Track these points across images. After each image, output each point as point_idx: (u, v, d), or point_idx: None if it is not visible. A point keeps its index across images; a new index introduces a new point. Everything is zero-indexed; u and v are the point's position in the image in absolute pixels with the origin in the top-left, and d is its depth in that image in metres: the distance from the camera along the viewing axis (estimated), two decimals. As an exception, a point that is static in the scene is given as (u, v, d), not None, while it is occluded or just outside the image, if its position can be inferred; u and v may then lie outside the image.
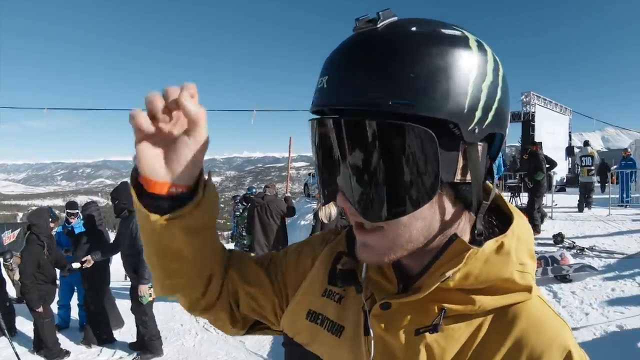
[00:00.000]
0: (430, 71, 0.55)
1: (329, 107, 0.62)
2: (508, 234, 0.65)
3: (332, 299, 0.81)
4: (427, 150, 0.56)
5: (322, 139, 0.63)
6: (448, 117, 0.55)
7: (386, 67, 0.55)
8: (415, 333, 0.66)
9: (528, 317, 0.65)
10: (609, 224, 10.19)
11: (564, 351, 0.61)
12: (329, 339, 0.77)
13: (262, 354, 5.38)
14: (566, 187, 19.56)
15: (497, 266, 0.63)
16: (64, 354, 5.79)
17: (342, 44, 0.61)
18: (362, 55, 0.57)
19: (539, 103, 20.66)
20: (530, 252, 0.70)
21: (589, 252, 7.71)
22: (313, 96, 0.63)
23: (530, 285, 0.67)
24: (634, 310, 5.17)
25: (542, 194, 9.67)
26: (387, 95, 0.54)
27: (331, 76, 0.59)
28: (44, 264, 5.62)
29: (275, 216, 7.28)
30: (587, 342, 4.55)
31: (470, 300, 0.64)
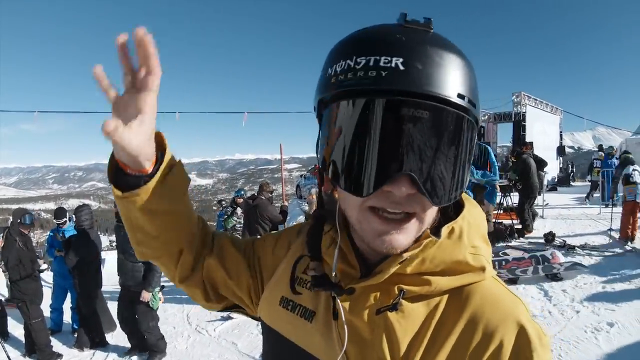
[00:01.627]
0: (475, 80, 0.65)
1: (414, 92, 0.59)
2: (458, 220, 0.71)
3: (304, 286, 0.84)
4: (474, 145, 0.66)
5: (395, 123, 0.59)
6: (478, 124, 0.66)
7: (463, 71, 0.63)
8: (377, 313, 0.71)
9: (482, 295, 0.70)
10: (599, 222, 10.27)
11: (517, 325, 0.66)
12: (301, 324, 0.81)
13: (255, 356, 5.36)
14: (557, 186, 19.65)
15: (450, 249, 0.70)
16: (57, 356, 5.76)
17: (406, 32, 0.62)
18: (442, 53, 0.61)
19: (529, 103, 20.75)
20: (483, 237, 0.76)
21: (579, 250, 7.79)
22: (370, 71, 0.60)
23: (483, 265, 0.72)
24: (624, 307, 5.22)
25: (534, 194, 9.70)
26: (465, 94, 0.62)
27: (410, 61, 0.59)
28: (24, 261, 5.65)
29: (262, 221, 7.26)
30: (578, 339, 4.58)
31: (426, 281, 0.70)
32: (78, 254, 6.02)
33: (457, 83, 0.61)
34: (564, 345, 4.50)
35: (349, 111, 0.62)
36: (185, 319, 7.23)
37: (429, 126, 0.59)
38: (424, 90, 0.58)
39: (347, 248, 0.77)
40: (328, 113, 0.66)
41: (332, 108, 0.65)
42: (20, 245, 5.64)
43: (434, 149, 0.61)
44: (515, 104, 20.62)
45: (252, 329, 6.23)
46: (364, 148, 0.61)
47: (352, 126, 0.62)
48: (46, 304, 6.68)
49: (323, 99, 0.68)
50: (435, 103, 0.59)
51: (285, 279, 0.86)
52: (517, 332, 0.66)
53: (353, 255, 0.76)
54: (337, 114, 0.64)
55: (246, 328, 6.33)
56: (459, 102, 0.61)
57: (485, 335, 0.66)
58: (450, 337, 0.67)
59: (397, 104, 0.59)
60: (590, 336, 4.62)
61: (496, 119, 22.42)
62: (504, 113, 21.88)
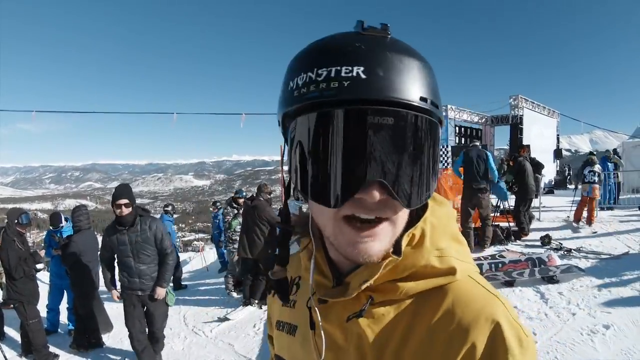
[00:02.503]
0: (436, 83, 0.66)
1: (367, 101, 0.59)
2: (418, 225, 0.72)
3: (289, 305, 0.89)
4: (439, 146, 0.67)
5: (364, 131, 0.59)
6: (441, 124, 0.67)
7: (423, 74, 0.63)
8: (347, 320, 0.73)
9: (454, 295, 0.69)
10: (596, 225, 10.29)
11: (492, 323, 0.64)
12: (287, 340, 0.86)
13: (251, 357, 5.36)
14: (554, 189, 19.71)
15: (411, 257, 0.70)
16: (53, 357, 5.75)
17: (364, 39, 0.62)
18: (402, 58, 0.62)
19: (526, 106, 20.84)
20: (452, 236, 0.75)
21: (576, 253, 7.78)
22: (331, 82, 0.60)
23: (452, 266, 0.71)
24: (621, 310, 5.22)
25: (530, 197, 9.72)
26: (427, 97, 0.62)
27: (371, 68, 0.59)
28: (23, 261, 5.64)
29: (261, 223, 7.24)
30: (574, 341, 4.59)
31: (394, 287, 0.71)
32: (75, 254, 6.02)
33: (419, 86, 0.62)
34: (560, 347, 4.50)
35: (314, 124, 0.61)
36: (182, 320, 7.22)
37: (395, 131, 0.59)
38: (387, 97, 0.59)
39: (322, 259, 0.79)
40: (294, 127, 0.66)
41: (297, 122, 0.65)
42: (19, 246, 5.63)
43: (401, 153, 0.61)
44: (512, 106, 20.71)
45: (248, 331, 6.23)
46: (332, 159, 0.60)
47: (319, 138, 0.61)
48: (42, 304, 6.66)
49: (287, 113, 0.67)
50: (399, 108, 0.59)
51: (277, 307, 0.94)
52: (491, 332, 0.64)
53: (327, 266, 0.78)
54: (303, 127, 0.63)
55: (243, 329, 6.33)
56: (422, 105, 0.61)
57: (457, 336, 0.65)
58: (421, 340, 0.68)
59: (361, 112, 0.58)
60: (586, 338, 4.63)
61: (493, 122, 22.50)
62: (501, 116, 21.96)
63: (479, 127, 22.10)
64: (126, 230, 4.85)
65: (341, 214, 0.64)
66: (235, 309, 7.19)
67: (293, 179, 0.68)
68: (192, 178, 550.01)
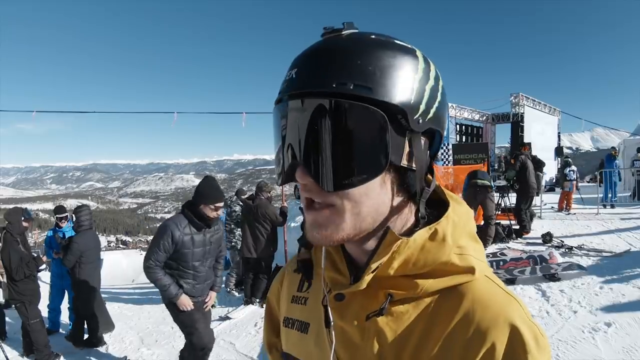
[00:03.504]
0: (384, 67, 0.64)
1: (296, 94, 0.66)
2: (442, 221, 0.71)
3: (299, 302, 0.89)
4: (380, 129, 0.63)
5: (287, 121, 0.68)
6: (399, 104, 0.64)
7: (349, 61, 0.64)
8: (366, 319, 0.72)
9: (474, 295, 0.70)
10: (597, 223, 10.29)
11: (509, 326, 0.65)
12: (298, 337, 0.85)
13: (252, 356, 5.37)
14: (555, 187, 19.69)
15: (433, 252, 0.69)
16: (55, 356, 5.75)
17: (312, 45, 0.69)
18: (328, 53, 0.66)
19: (527, 104, 20.83)
20: (471, 235, 0.76)
21: (577, 251, 7.79)
22: (280, 87, 0.69)
23: (471, 266, 0.71)
24: (622, 308, 5.22)
25: (531, 195, 9.71)
26: (349, 82, 0.62)
27: (300, 69, 0.66)
28: (26, 261, 5.63)
29: (263, 221, 7.24)
30: (575, 339, 4.59)
31: (413, 284, 0.70)
32: (77, 254, 6.02)
33: (340, 73, 0.63)
34: (561, 345, 4.50)
35: (272, 118, 0.73)
36: (183, 319, 7.23)
37: (308, 118, 0.64)
38: (300, 89, 0.65)
39: (337, 254, 0.80)
40: None
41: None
42: (21, 247, 5.64)
43: (315, 138, 0.64)
44: (513, 104, 20.71)
45: (249, 329, 6.24)
46: (275, 146, 0.72)
47: (273, 129, 0.73)
48: (44, 304, 6.68)
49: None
50: (308, 98, 0.65)
51: (285, 303, 0.93)
52: (510, 333, 0.65)
53: (343, 262, 0.78)
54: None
55: (244, 328, 6.34)
56: (338, 90, 0.63)
57: (476, 337, 0.65)
58: (440, 339, 0.68)
59: (282, 107, 0.68)
60: (587, 336, 4.63)
61: (494, 120, 22.50)
62: (502, 114, 21.97)
63: (479, 125, 22.10)
64: (204, 230, 4.28)
65: (303, 196, 0.70)
66: (236, 308, 7.21)
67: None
68: (194, 177, 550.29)
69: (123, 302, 9.05)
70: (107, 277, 6.78)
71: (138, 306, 8.60)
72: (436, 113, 0.69)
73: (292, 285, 0.93)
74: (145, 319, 7.64)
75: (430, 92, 0.68)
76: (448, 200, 0.76)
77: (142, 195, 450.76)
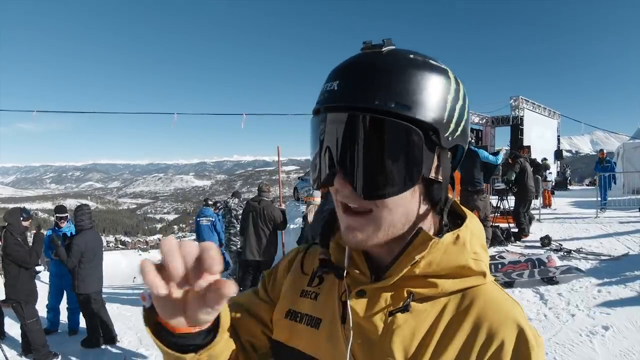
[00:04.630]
0: (422, 87, 0.70)
1: (339, 107, 0.71)
2: (463, 228, 0.78)
3: (309, 297, 0.90)
4: (415, 146, 0.69)
5: (329, 131, 0.72)
6: (433, 123, 0.69)
7: (390, 80, 0.69)
8: (389, 315, 0.76)
9: (485, 297, 0.76)
10: (596, 226, 10.30)
11: (517, 326, 0.72)
12: (307, 332, 0.85)
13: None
14: (555, 190, 19.69)
15: (455, 255, 0.76)
16: (53, 356, 5.77)
17: (352, 58, 0.74)
18: (371, 70, 0.70)
19: (527, 107, 20.81)
20: (483, 245, 0.82)
21: (575, 254, 7.81)
22: (320, 97, 0.74)
23: (484, 270, 0.79)
24: (620, 311, 5.24)
25: (530, 198, 9.72)
26: (391, 101, 0.68)
27: (342, 82, 0.71)
28: (24, 259, 5.64)
29: (268, 222, 7.22)
30: (573, 342, 4.60)
31: (433, 284, 0.76)
32: (77, 255, 6.01)
33: (384, 91, 0.68)
34: (559, 348, 4.51)
35: (311, 125, 0.78)
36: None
37: (351, 131, 0.69)
38: (344, 103, 0.70)
39: (358, 255, 0.83)
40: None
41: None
42: (21, 246, 5.64)
43: (354, 150, 0.69)
44: (513, 107, 20.68)
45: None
46: (313, 152, 0.77)
47: (311, 136, 0.78)
48: (43, 303, 6.69)
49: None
50: (353, 112, 0.69)
51: (289, 295, 0.93)
52: (517, 333, 0.72)
53: (363, 261, 0.82)
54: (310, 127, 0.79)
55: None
56: (381, 108, 0.68)
57: (488, 336, 0.72)
58: (457, 337, 0.73)
59: (324, 117, 0.73)
60: (585, 340, 4.64)
61: (494, 123, 22.48)
62: (501, 117, 21.94)
63: (479, 127, 22.09)
64: None
65: (338, 199, 0.75)
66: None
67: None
68: (193, 178, 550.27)
69: (121, 302, 9.05)
70: (106, 277, 6.77)
71: (137, 307, 8.59)
72: (463, 130, 0.76)
73: (303, 278, 0.94)
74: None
75: (459, 111, 0.74)
76: (464, 213, 0.84)
77: (142, 195, 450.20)
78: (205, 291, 0.56)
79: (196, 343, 0.68)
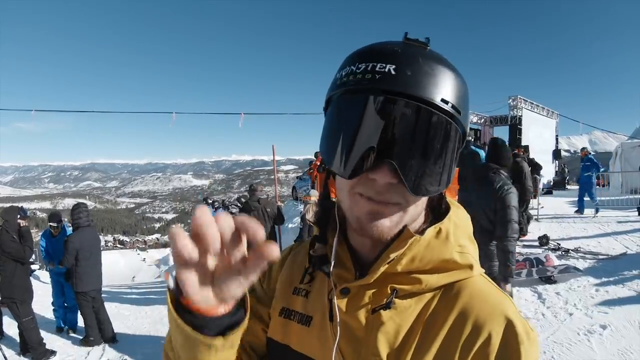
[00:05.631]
0: (465, 95, 0.72)
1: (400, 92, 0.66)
2: (445, 221, 0.78)
3: (301, 295, 0.90)
4: (459, 149, 0.73)
5: (382, 117, 0.66)
6: (466, 133, 0.74)
7: (451, 81, 0.69)
8: (372, 312, 0.75)
9: (472, 290, 0.75)
10: (594, 225, 10.32)
11: (505, 319, 0.71)
12: (299, 330, 0.85)
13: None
14: (553, 189, 19.71)
15: (437, 249, 0.76)
16: (50, 354, 5.78)
17: (399, 46, 0.70)
18: (434, 65, 0.69)
19: (525, 107, 20.81)
20: (469, 236, 0.82)
21: (573, 253, 7.82)
22: (365, 74, 0.68)
23: (470, 263, 0.78)
24: (617, 310, 5.25)
25: (527, 198, 9.72)
26: (450, 101, 0.68)
27: (403, 68, 0.67)
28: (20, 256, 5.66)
29: (270, 219, 7.29)
30: (571, 341, 4.61)
31: (417, 280, 0.75)
32: (73, 253, 6.00)
33: (443, 90, 0.68)
34: (556, 347, 4.52)
35: (346, 105, 0.70)
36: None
37: (413, 123, 0.66)
38: (410, 92, 0.66)
39: (344, 252, 0.82)
40: (331, 108, 0.75)
41: (334, 104, 0.74)
42: (17, 241, 5.64)
43: (415, 144, 0.67)
44: (511, 107, 20.68)
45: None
46: (354, 136, 0.68)
47: (347, 118, 0.69)
48: (46, 303, 6.71)
49: (330, 98, 0.76)
50: (418, 103, 0.66)
51: (283, 292, 0.93)
52: (505, 325, 0.70)
53: (349, 258, 0.82)
54: (337, 108, 0.73)
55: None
56: (442, 106, 0.67)
57: (474, 329, 0.70)
58: (441, 331, 0.72)
59: (385, 101, 0.66)
60: (583, 339, 4.65)
61: (492, 122, 22.51)
62: (500, 116, 21.96)
63: (477, 127, 22.11)
64: None
65: (355, 190, 0.71)
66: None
67: (322, 150, 0.75)
68: (191, 178, 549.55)
69: (120, 301, 9.05)
70: (105, 277, 6.77)
71: (135, 306, 8.60)
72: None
73: (295, 276, 0.93)
74: (143, 318, 7.65)
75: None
76: (449, 204, 0.83)
77: (140, 195, 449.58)
78: (240, 262, 0.53)
79: (224, 324, 0.61)
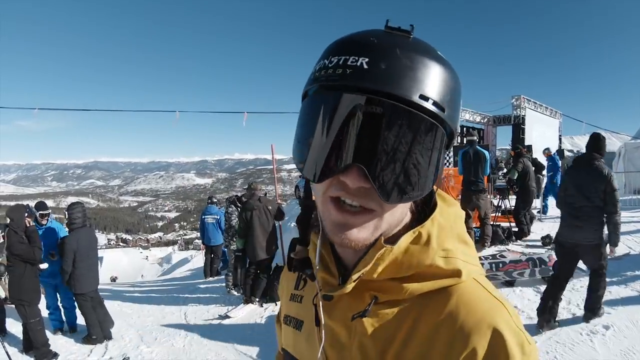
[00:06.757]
0: (453, 89, 0.65)
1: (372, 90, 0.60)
2: (426, 224, 0.71)
3: (296, 300, 0.90)
4: (442, 150, 0.64)
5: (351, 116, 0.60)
6: (455, 130, 0.66)
7: (431, 76, 0.62)
8: (352, 319, 0.73)
9: (458, 298, 0.69)
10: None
11: (494, 329, 0.64)
12: (293, 334, 0.87)
13: (252, 355, 5.38)
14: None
15: (417, 255, 0.69)
16: (52, 355, 5.77)
17: (376, 35, 0.63)
18: (411, 57, 0.61)
19: (529, 106, 20.78)
20: (459, 237, 0.75)
21: (576, 253, 7.77)
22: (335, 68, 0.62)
23: (457, 269, 0.70)
24: (620, 310, 5.24)
25: (530, 198, 9.70)
26: (430, 98, 0.61)
27: (374, 62, 0.60)
28: (28, 257, 5.64)
29: (272, 217, 7.32)
30: (573, 341, 4.60)
31: (398, 287, 0.70)
32: (71, 255, 5.98)
33: (423, 85, 0.61)
34: (559, 347, 4.52)
35: (314, 104, 0.64)
36: (183, 317, 7.25)
37: (386, 123, 0.59)
38: (382, 88, 0.59)
39: (328, 255, 0.79)
40: (302, 106, 0.69)
41: (305, 101, 0.68)
42: (25, 241, 5.65)
43: (387, 146, 0.60)
44: (514, 107, 20.66)
45: (249, 328, 6.25)
46: (321, 137, 0.62)
47: (315, 117, 0.63)
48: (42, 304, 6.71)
49: (304, 94, 0.70)
50: (390, 100, 0.59)
51: (284, 301, 0.95)
52: (492, 338, 0.63)
53: (333, 261, 0.79)
54: (306, 106, 0.67)
55: (243, 327, 6.35)
56: (420, 103, 0.60)
57: (458, 340, 0.65)
58: (422, 342, 0.68)
59: (353, 99, 0.59)
60: (585, 339, 4.64)
61: (495, 122, 22.47)
62: (503, 116, 21.92)
63: (481, 127, 22.08)
64: None
65: (328, 194, 0.66)
66: (235, 307, 7.22)
67: (293, 151, 0.70)
68: (194, 176, 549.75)
69: (123, 299, 9.07)
70: (108, 275, 6.78)
71: (138, 304, 8.62)
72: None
73: (291, 283, 0.94)
74: (145, 316, 7.65)
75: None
76: (436, 201, 0.76)
77: (143, 193, 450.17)
78: None
79: None
